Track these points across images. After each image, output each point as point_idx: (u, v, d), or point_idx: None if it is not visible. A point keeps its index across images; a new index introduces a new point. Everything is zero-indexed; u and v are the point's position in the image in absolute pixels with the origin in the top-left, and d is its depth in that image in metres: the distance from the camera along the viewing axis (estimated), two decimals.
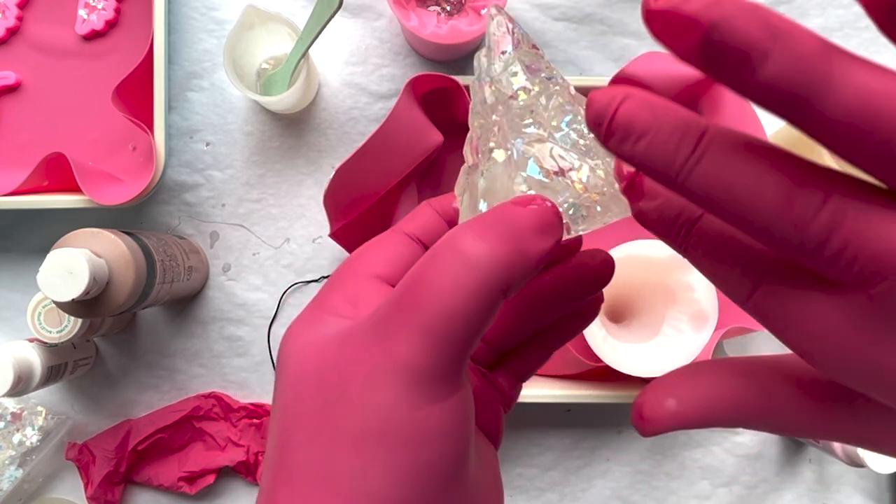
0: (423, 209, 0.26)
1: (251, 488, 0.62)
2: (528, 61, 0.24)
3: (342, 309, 0.22)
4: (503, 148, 0.23)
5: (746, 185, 0.16)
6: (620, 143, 0.17)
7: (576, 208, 0.22)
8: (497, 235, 0.19)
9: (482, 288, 0.19)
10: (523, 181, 0.22)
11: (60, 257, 0.44)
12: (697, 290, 0.52)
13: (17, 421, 0.60)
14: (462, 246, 0.19)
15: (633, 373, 0.52)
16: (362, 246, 0.25)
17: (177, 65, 0.62)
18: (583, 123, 0.23)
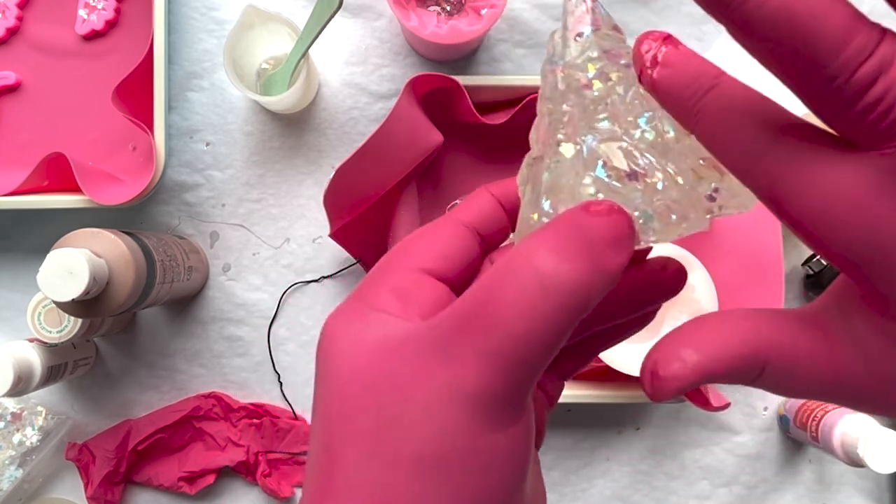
0: (482, 195, 0.24)
1: (251, 488, 0.62)
2: (607, 46, 0.22)
3: (390, 305, 0.21)
4: (572, 142, 0.21)
5: (814, 12, 0.16)
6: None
7: (647, 216, 0.20)
8: (574, 252, 0.18)
9: (558, 312, 0.17)
10: (592, 183, 0.20)
11: (60, 257, 0.44)
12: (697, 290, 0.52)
13: (17, 421, 0.60)
14: (538, 264, 0.18)
15: (633, 373, 0.52)
16: (413, 233, 0.23)
17: (177, 65, 0.62)
18: (665, 120, 0.21)
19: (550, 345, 0.18)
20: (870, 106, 0.15)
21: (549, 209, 0.20)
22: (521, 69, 0.62)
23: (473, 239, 0.23)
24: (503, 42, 0.62)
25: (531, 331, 0.17)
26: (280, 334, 0.62)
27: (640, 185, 0.20)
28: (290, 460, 0.62)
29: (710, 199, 0.20)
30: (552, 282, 0.17)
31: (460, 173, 0.61)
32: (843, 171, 0.16)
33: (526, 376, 0.18)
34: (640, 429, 0.63)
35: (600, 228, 0.18)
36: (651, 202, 0.20)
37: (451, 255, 0.22)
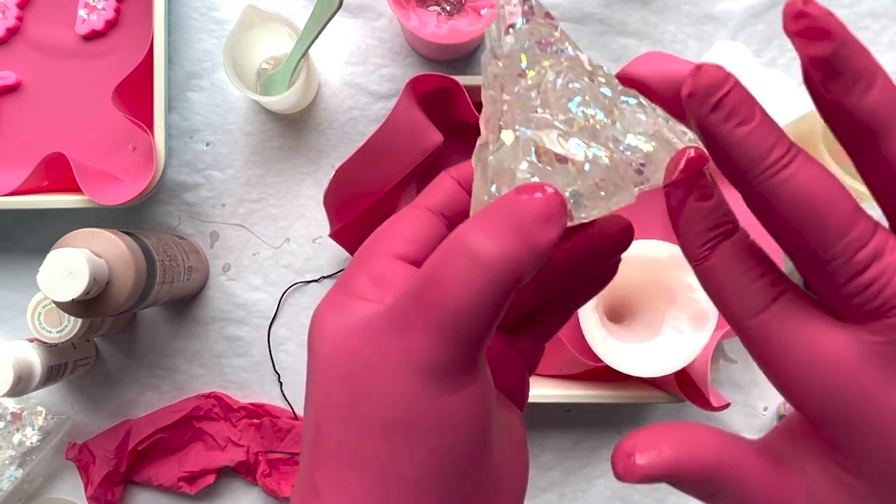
0: (444, 180, 0.26)
1: (251, 488, 0.62)
2: (539, 35, 0.23)
3: (367, 292, 0.23)
4: (511, 129, 0.23)
5: (827, 198, 0.18)
6: (725, 119, 0.18)
7: (577, 195, 0.22)
8: (504, 230, 0.20)
9: (492, 285, 0.19)
10: (527, 168, 0.22)
11: (60, 257, 0.44)
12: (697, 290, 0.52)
13: (17, 421, 0.60)
14: (471, 244, 0.20)
15: (633, 373, 0.52)
16: (385, 223, 0.25)
17: (177, 65, 0.62)
18: (592, 104, 0.23)
19: (489, 314, 0.20)
20: (862, 287, 0.18)
21: (495, 192, 0.22)
22: None
23: (439, 221, 0.25)
24: None
25: (469, 303, 0.19)
26: (280, 334, 0.62)
27: (570, 167, 0.22)
28: (290, 460, 0.62)
29: (638, 172, 0.22)
30: (483, 259, 0.19)
31: None
32: (830, 340, 0.19)
33: (470, 345, 0.20)
34: None
35: (528, 206, 0.20)
36: (580, 181, 0.22)
37: (419, 238, 0.24)
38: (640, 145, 0.22)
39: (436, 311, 0.20)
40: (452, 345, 0.20)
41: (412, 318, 0.20)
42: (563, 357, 0.57)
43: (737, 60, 0.62)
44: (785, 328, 0.19)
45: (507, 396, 0.26)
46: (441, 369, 0.20)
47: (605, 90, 0.23)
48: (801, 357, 0.19)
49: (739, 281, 0.20)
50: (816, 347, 0.19)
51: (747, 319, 0.20)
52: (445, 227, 0.25)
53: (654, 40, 0.62)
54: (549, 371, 0.59)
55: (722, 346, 0.61)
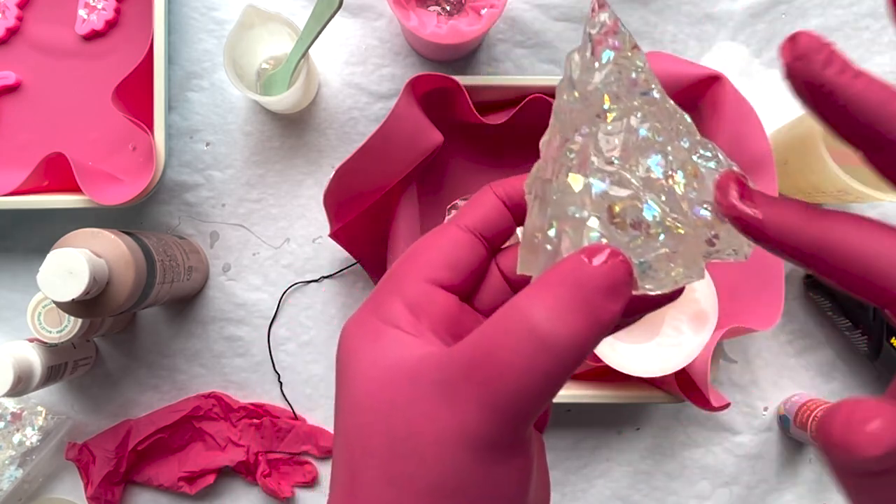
0: (486, 197, 0.25)
1: (251, 488, 0.62)
2: (626, 72, 0.22)
3: (403, 320, 0.22)
4: (582, 174, 0.21)
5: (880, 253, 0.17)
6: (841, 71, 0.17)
7: (646, 266, 0.20)
8: (569, 308, 0.18)
9: (557, 368, 0.18)
10: (597, 226, 0.20)
11: (60, 257, 0.44)
12: (697, 290, 0.52)
13: (17, 421, 0.60)
14: (535, 322, 0.18)
15: (633, 373, 0.52)
16: (419, 241, 0.24)
17: (177, 65, 0.62)
18: (674, 162, 0.21)
19: (547, 395, 0.19)
20: None
21: (554, 236, 0.21)
22: (521, 69, 0.62)
23: (479, 244, 0.24)
24: (503, 42, 0.62)
25: (527, 385, 0.18)
26: (280, 334, 0.62)
27: (642, 234, 0.20)
28: (290, 460, 0.62)
29: (710, 244, 0.20)
30: (549, 341, 0.18)
31: (460, 173, 0.61)
32: None
33: (523, 422, 0.19)
34: (640, 429, 0.63)
35: (597, 277, 0.19)
36: (651, 252, 0.20)
37: (457, 263, 0.23)
38: (718, 217, 0.20)
39: (491, 388, 0.19)
40: (507, 423, 0.19)
41: (464, 389, 0.19)
42: None
43: (737, 60, 0.62)
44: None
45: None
46: (493, 444, 0.19)
47: (684, 142, 0.21)
48: None
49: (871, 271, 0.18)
50: None
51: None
52: (485, 250, 0.24)
53: (654, 40, 0.62)
54: None
55: (722, 346, 0.61)
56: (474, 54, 0.62)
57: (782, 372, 0.62)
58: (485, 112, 0.56)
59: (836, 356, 0.62)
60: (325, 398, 0.62)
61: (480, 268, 0.25)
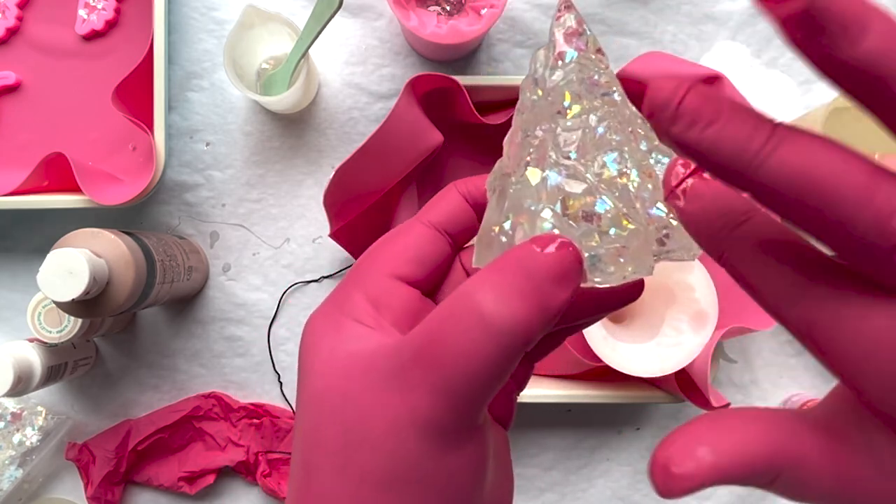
0: (450, 194, 0.25)
1: (251, 488, 0.62)
2: (588, 73, 0.22)
3: (364, 314, 0.22)
4: (540, 168, 0.21)
5: (830, 172, 0.15)
6: (688, 127, 0.16)
7: (595, 258, 0.20)
8: (516, 292, 0.19)
9: (502, 352, 0.19)
10: (550, 217, 0.20)
11: (60, 257, 0.44)
12: (697, 290, 0.52)
13: (17, 421, 0.60)
14: (481, 308, 0.19)
15: (633, 373, 0.52)
16: (385, 237, 0.25)
17: (177, 65, 0.62)
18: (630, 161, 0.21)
19: (496, 379, 0.19)
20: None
21: (509, 228, 0.21)
22: (521, 69, 0.62)
23: (443, 240, 0.24)
24: (503, 42, 0.62)
25: (475, 368, 0.19)
26: (280, 334, 0.62)
27: (594, 227, 0.21)
28: (289, 460, 0.62)
29: (661, 243, 0.21)
30: (494, 324, 0.18)
31: (460, 173, 0.61)
32: (880, 317, 0.16)
33: (473, 406, 0.19)
34: (640, 429, 0.63)
35: (547, 264, 0.19)
36: (603, 244, 0.20)
37: (421, 258, 0.24)
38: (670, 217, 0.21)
39: (440, 372, 0.19)
40: (456, 407, 0.19)
41: (415, 374, 0.19)
42: (563, 357, 0.57)
43: (737, 60, 0.62)
44: (828, 315, 0.16)
45: (495, 420, 0.26)
46: (444, 429, 0.19)
47: (643, 144, 0.22)
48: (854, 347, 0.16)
49: (766, 271, 0.17)
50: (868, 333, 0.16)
51: (785, 309, 0.17)
52: (448, 246, 0.25)
53: (654, 40, 0.62)
54: (549, 371, 0.59)
55: (722, 346, 0.61)
56: (474, 54, 0.62)
57: (782, 372, 0.62)
58: (485, 112, 0.56)
59: None
60: None
61: (444, 264, 0.25)
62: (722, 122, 0.16)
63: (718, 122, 0.16)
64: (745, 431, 0.18)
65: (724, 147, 0.16)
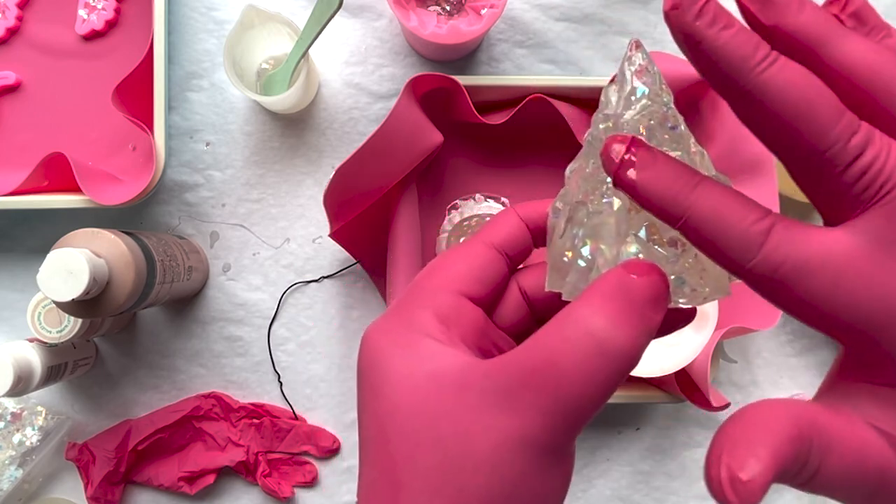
0: (510, 217, 0.26)
1: (251, 488, 0.62)
2: (659, 108, 0.23)
3: (434, 330, 0.22)
4: (618, 197, 0.22)
5: (813, 91, 0.18)
6: (710, 23, 0.18)
7: (681, 281, 0.22)
8: (625, 318, 0.20)
9: (615, 374, 0.20)
10: (635, 242, 0.22)
11: (60, 257, 0.44)
12: None
13: (17, 421, 0.60)
14: (597, 333, 0.20)
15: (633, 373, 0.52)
16: (445, 254, 0.25)
17: (177, 65, 0.62)
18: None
19: (603, 400, 0.20)
20: (862, 169, 0.18)
21: (588, 254, 0.22)
22: (521, 69, 0.62)
23: (502, 260, 0.25)
24: (503, 42, 0.62)
25: (589, 390, 0.20)
26: (280, 334, 0.62)
27: (678, 252, 0.22)
28: (290, 460, 0.62)
29: None
30: (608, 347, 0.19)
31: (460, 173, 0.61)
32: (838, 242, 0.19)
33: (581, 426, 0.21)
34: (640, 429, 0.63)
35: (643, 288, 0.20)
36: (685, 269, 0.22)
37: (483, 277, 0.24)
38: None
39: (554, 394, 0.20)
40: (567, 427, 0.20)
41: (524, 396, 0.20)
42: None
43: None
44: (790, 252, 0.19)
45: None
46: (551, 448, 0.20)
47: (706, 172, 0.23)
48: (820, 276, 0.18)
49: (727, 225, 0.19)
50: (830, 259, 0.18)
51: (750, 259, 0.19)
52: (507, 267, 0.25)
53: (654, 40, 0.62)
54: None
55: (722, 346, 0.61)
56: (474, 54, 0.62)
57: (782, 372, 0.62)
58: (485, 112, 0.56)
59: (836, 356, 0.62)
60: (325, 398, 0.62)
61: (502, 283, 0.26)
62: (736, 29, 0.19)
63: (734, 27, 0.19)
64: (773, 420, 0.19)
65: (734, 50, 0.18)
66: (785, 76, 0.18)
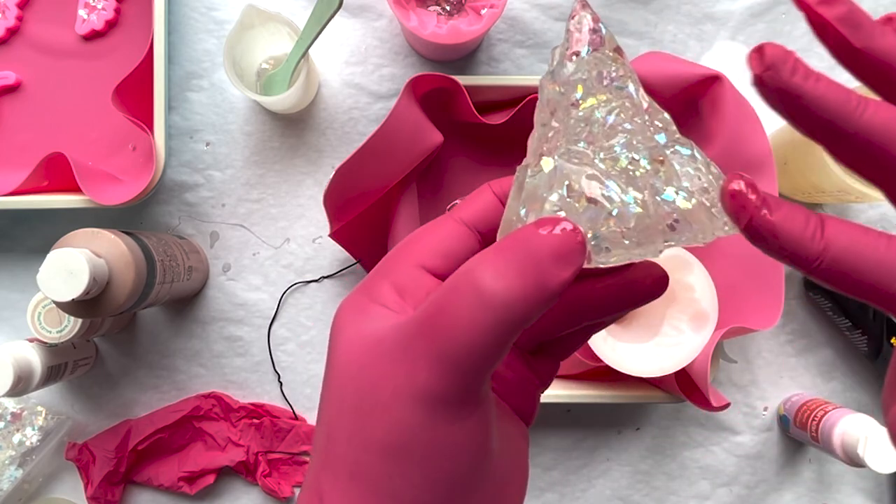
0: (484, 193, 0.26)
1: (251, 488, 0.62)
2: (601, 67, 0.23)
3: (389, 299, 0.23)
4: (551, 157, 0.22)
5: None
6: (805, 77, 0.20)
7: (598, 238, 0.21)
8: (515, 269, 0.20)
9: (497, 326, 0.19)
10: (557, 200, 0.21)
11: (60, 257, 0.44)
12: (697, 290, 0.52)
13: (17, 421, 0.60)
14: (479, 282, 0.20)
15: (633, 373, 0.52)
16: (417, 230, 0.26)
17: (177, 65, 0.62)
18: (639, 148, 0.22)
19: (493, 353, 0.20)
20: None
21: (524, 216, 0.22)
22: (521, 69, 0.62)
23: (472, 236, 0.25)
24: (503, 42, 0.62)
25: (473, 341, 0.20)
26: (280, 334, 0.62)
27: (597, 209, 0.21)
28: (290, 460, 0.62)
29: (671, 228, 0.22)
30: (490, 298, 0.19)
31: (460, 173, 0.61)
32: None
33: (472, 378, 0.20)
34: (640, 429, 0.63)
35: (545, 243, 0.20)
36: (606, 226, 0.21)
37: (449, 252, 0.24)
38: (679, 201, 0.22)
39: (439, 343, 0.20)
40: (453, 377, 0.20)
41: (418, 346, 0.20)
42: None
43: (737, 60, 0.62)
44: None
45: (516, 413, 0.26)
46: (441, 399, 0.20)
47: (661, 137, 0.23)
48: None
49: (867, 259, 0.20)
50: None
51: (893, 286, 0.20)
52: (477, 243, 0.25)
53: (654, 40, 0.62)
54: None
55: (722, 346, 0.61)
56: (474, 54, 0.62)
57: (782, 372, 0.62)
58: (485, 112, 0.56)
59: (836, 356, 0.62)
60: None
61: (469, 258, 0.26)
62: (827, 79, 0.20)
63: (823, 78, 0.20)
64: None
65: (833, 99, 0.20)
66: (882, 115, 0.20)
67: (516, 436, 0.25)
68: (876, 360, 0.59)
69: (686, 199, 0.21)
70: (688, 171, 0.22)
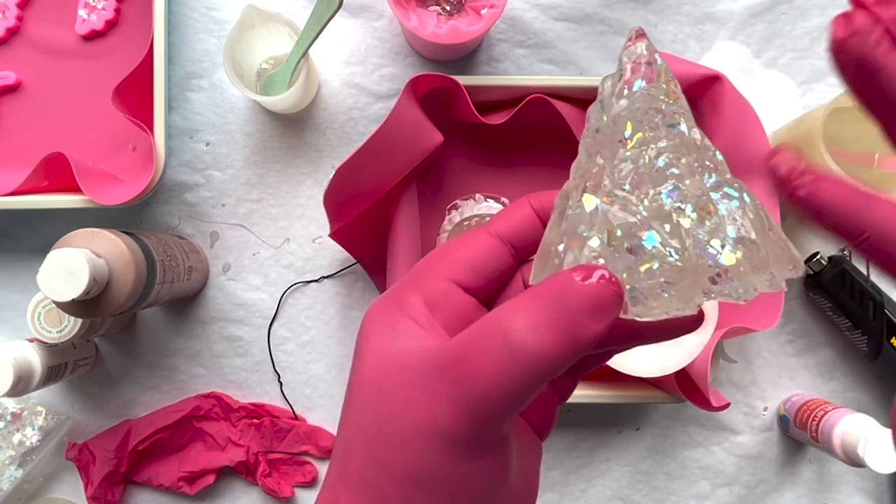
0: (522, 207, 0.25)
1: (251, 488, 0.62)
2: (653, 103, 0.22)
3: (418, 313, 0.23)
4: (593, 195, 0.21)
5: None
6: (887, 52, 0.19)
7: (636, 292, 0.20)
8: (548, 322, 0.19)
9: (526, 378, 0.19)
10: (597, 246, 0.20)
11: (60, 257, 0.44)
12: None
13: (17, 421, 0.60)
14: (511, 333, 0.19)
15: (633, 373, 0.52)
16: (452, 241, 0.25)
17: (177, 65, 0.62)
18: (686, 197, 0.21)
19: (518, 401, 0.19)
20: None
21: (562, 252, 0.21)
22: (521, 69, 0.62)
23: (506, 251, 0.25)
24: (503, 42, 0.62)
25: (497, 391, 0.19)
26: (280, 334, 0.62)
27: (637, 260, 0.20)
28: (289, 460, 0.62)
29: (712, 282, 0.21)
30: (521, 352, 0.19)
31: (460, 173, 0.61)
32: None
33: (492, 424, 0.20)
34: (640, 429, 0.63)
35: (584, 295, 0.19)
36: (645, 278, 0.20)
37: (481, 267, 0.24)
38: (722, 257, 0.20)
39: (465, 387, 0.19)
40: (475, 422, 0.20)
41: (442, 385, 0.20)
42: None
43: (737, 60, 0.62)
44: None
45: (532, 428, 0.26)
46: (461, 441, 0.20)
47: (709, 178, 0.22)
48: None
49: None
50: None
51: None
52: (511, 257, 0.25)
53: (654, 40, 0.62)
54: None
55: (722, 346, 0.61)
56: (474, 54, 0.62)
57: (782, 372, 0.62)
58: (485, 112, 0.56)
59: (836, 356, 0.62)
60: (325, 398, 0.62)
61: (504, 275, 0.25)
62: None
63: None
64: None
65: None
66: None
67: (530, 454, 0.25)
68: (876, 360, 0.59)
69: (731, 252, 0.21)
70: (735, 217, 0.21)
